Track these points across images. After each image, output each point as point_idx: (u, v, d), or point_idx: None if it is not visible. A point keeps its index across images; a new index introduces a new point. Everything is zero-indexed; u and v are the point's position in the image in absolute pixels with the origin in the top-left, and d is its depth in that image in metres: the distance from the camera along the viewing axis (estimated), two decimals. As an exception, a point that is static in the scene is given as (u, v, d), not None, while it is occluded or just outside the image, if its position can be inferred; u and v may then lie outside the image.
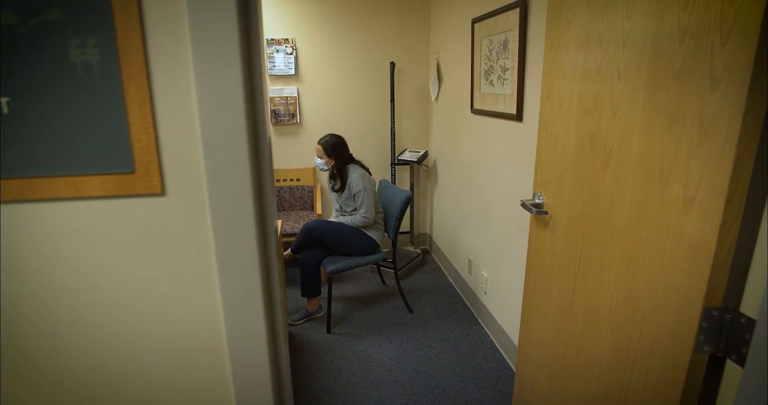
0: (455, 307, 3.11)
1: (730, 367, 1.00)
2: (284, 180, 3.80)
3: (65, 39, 1.00)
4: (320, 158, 2.80)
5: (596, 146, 1.34)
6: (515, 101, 2.20)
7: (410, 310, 3.06)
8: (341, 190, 2.83)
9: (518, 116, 2.18)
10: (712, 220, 0.94)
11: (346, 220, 2.85)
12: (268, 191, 1.28)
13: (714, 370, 1.02)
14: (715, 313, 0.97)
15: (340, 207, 2.95)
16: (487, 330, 2.79)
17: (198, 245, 1.17)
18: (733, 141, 0.88)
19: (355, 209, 2.83)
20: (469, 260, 3.04)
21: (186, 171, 1.12)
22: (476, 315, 2.97)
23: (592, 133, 1.36)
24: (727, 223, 0.92)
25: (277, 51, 3.55)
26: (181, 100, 1.07)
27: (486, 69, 2.56)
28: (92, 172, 1.08)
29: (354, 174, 2.77)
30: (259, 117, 1.20)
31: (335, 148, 2.77)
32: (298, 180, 3.81)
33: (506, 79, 2.30)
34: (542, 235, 1.71)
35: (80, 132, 1.05)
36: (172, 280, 1.18)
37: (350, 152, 2.87)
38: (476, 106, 2.76)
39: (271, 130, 3.14)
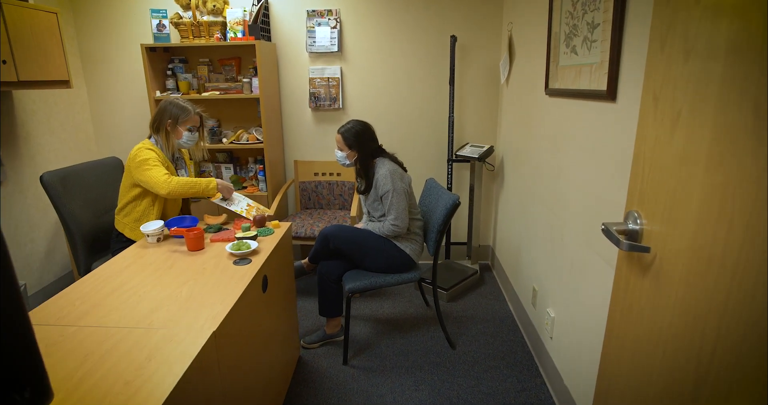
0: (512, 347, 2.41)
1: None
2: (322, 174, 3.31)
3: None
4: (341, 150, 2.25)
5: (772, 128, 0.63)
6: (606, 71, 1.48)
7: (452, 346, 2.42)
8: (366, 190, 2.26)
9: (610, 93, 1.46)
10: None
11: (373, 227, 2.27)
12: None
13: None
14: None
15: (368, 211, 2.38)
16: (549, 387, 2.07)
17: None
18: None
19: (384, 214, 2.25)
20: (534, 289, 2.33)
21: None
22: (538, 363, 2.25)
23: (759, 104, 0.66)
24: None
25: (319, 24, 3.05)
26: None
27: (567, 31, 1.84)
28: None
29: (381, 170, 2.18)
30: None
31: (358, 138, 2.19)
32: (338, 175, 3.30)
33: (594, 41, 1.58)
34: (637, 284, 1.01)
35: None
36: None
37: (379, 143, 2.29)
38: (552, 84, 2.04)
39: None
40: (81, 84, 3.27)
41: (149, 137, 2.12)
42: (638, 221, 1.01)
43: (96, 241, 2.32)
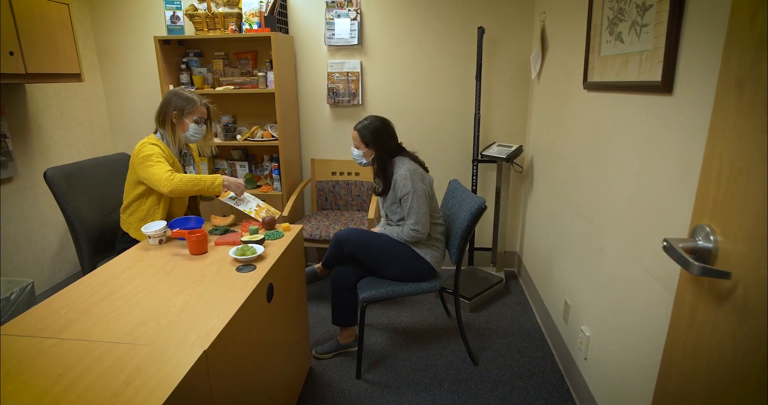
0: (540, 365, 2.21)
1: None
2: (339, 173, 3.16)
3: None
4: (357, 148, 2.09)
5: None
6: (661, 59, 1.27)
7: (474, 361, 2.23)
8: (384, 192, 2.09)
9: (665, 84, 1.25)
10: None
11: (391, 231, 2.11)
12: None
13: None
14: None
15: (386, 214, 2.21)
16: (582, 413, 1.87)
17: None
18: None
19: (403, 218, 2.08)
20: (566, 303, 2.12)
21: None
22: (569, 385, 2.05)
23: None
24: None
25: (338, 16, 2.90)
26: None
27: (611, 16, 1.63)
28: None
29: (401, 169, 2.01)
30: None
31: (376, 135, 2.03)
32: (356, 174, 3.15)
33: (645, 25, 1.38)
34: (709, 315, 0.82)
35: None
36: None
37: (399, 141, 2.12)
38: (592, 77, 1.83)
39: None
40: (97, 78, 3.21)
41: (155, 132, 2.01)
42: (711, 238, 0.81)
43: (102, 240, 2.22)
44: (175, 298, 1.37)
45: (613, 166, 1.62)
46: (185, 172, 2.08)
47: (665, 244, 0.87)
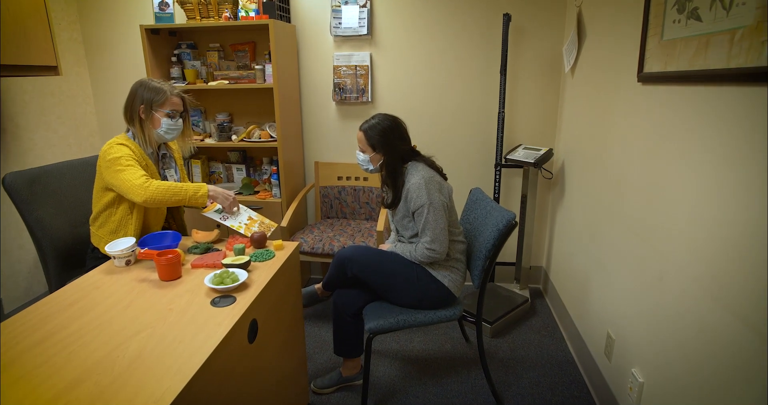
0: (575, 407, 1.88)
1: None
2: (346, 178, 2.85)
3: None
4: (363, 152, 1.78)
5: None
6: (766, 38, 0.94)
7: (498, 400, 1.91)
8: (394, 204, 1.78)
9: (775, 71, 0.93)
10: None
11: (403, 250, 1.80)
12: None
13: None
14: None
15: (396, 229, 1.90)
16: (633, 476, 1.54)
17: None
18: None
19: (417, 235, 1.76)
20: (608, 336, 1.79)
21: None
22: (614, 436, 1.72)
23: None
24: None
25: (346, 3, 2.59)
26: None
27: (683, -10, 1.30)
28: None
29: (414, 177, 1.70)
30: None
31: (385, 137, 1.72)
32: (364, 180, 2.84)
33: (741, -5, 1.05)
34: None
35: None
36: None
37: (412, 144, 1.80)
38: (651, 67, 1.50)
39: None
40: (84, 73, 2.95)
41: (127, 131, 1.72)
42: None
43: (72, 255, 1.94)
44: (127, 344, 1.08)
45: (681, 176, 1.29)
46: (164, 177, 1.80)
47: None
